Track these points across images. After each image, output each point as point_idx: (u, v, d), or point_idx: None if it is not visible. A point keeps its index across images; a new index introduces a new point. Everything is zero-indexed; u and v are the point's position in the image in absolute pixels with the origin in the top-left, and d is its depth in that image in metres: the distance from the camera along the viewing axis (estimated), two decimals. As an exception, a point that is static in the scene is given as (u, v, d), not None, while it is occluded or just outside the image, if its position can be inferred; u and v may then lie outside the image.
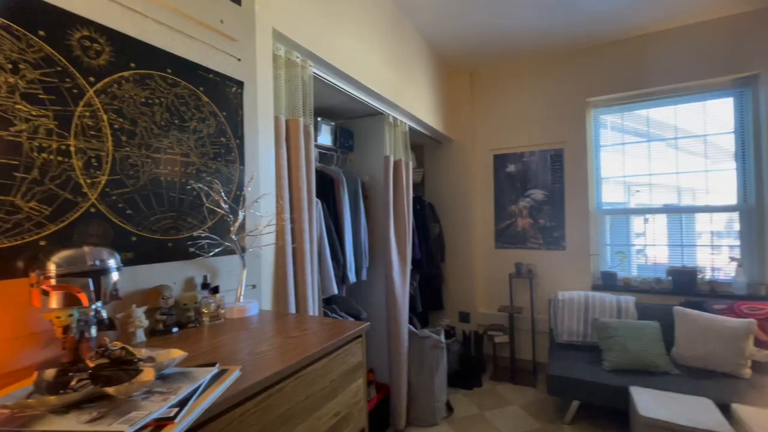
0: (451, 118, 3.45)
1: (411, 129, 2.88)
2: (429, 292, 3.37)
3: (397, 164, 2.56)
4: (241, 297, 1.21)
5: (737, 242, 2.73)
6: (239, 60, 1.31)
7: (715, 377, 2.23)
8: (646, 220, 3.12)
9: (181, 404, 0.57)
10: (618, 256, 3.09)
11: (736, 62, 2.64)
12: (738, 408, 1.91)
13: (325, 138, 2.40)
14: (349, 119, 2.65)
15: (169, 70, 1.09)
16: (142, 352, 0.68)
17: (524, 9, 2.49)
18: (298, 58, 1.59)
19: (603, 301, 2.75)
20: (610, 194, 3.22)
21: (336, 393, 0.90)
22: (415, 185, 3.63)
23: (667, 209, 2.98)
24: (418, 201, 3.31)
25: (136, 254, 0.98)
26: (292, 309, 1.43)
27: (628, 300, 2.71)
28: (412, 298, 3.03)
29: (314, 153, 2.24)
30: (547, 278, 3.22)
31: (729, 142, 2.77)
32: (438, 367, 2.57)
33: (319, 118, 2.31)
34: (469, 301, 3.51)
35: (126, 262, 0.94)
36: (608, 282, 2.99)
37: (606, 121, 3.19)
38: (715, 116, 2.84)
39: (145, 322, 0.92)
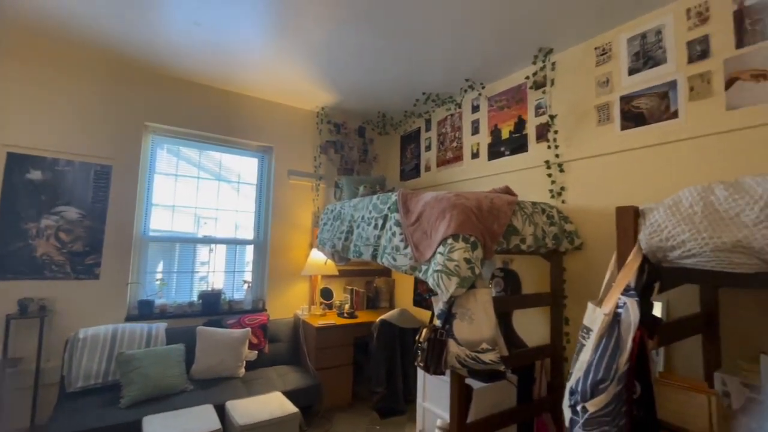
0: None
1: None
2: None
3: None
4: None
5: (250, 268, 3.54)
6: None
7: (221, 382, 2.67)
8: (211, 250, 3.40)
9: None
10: (158, 284, 3.10)
11: (261, 133, 3.55)
12: (230, 404, 2.35)
13: None
14: None
15: None
16: None
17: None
18: None
19: (134, 332, 2.62)
20: (181, 223, 3.28)
21: None
22: None
23: (206, 240, 3.39)
24: None
25: None
26: None
27: (160, 327, 2.74)
28: None
29: None
30: (70, 314, 2.67)
31: (252, 191, 3.63)
32: None
33: None
34: None
35: None
36: (145, 311, 2.91)
37: (165, 148, 3.25)
38: (248, 169, 3.65)
39: None
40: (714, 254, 1.13)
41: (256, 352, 2.98)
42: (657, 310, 1.88)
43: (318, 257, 3.36)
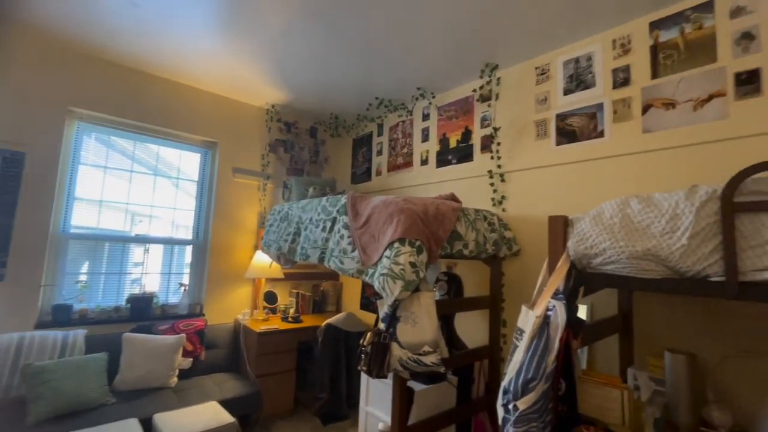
0: None
1: None
2: None
3: None
4: None
5: (188, 270, 3.31)
6: None
7: (149, 394, 2.46)
8: (147, 251, 3.11)
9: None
10: (79, 287, 2.79)
11: (205, 127, 3.36)
12: (158, 417, 2.18)
13: None
14: None
15: None
16: None
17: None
18: None
19: (45, 341, 2.34)
20: (111, 220, 2.98)
21: None
22: None
23: (138, 239, 3.10)
24: None
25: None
26: None
27: (78, 334, 2.47)
28: None
29: None
30: (-36, 321, 2.32)
31: (193, 188, 3.41)
32: None
33: None
34: None
35: None
36: (61, 317, 2.61)
37: (94, 137, 2.94)
38: (190, 165, 3.42)
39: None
40: (629, 261, 1.25)
41: (191, 359, 2.79)
42: (582, 313, 2.04)
43: (262, 259, 3.24)
